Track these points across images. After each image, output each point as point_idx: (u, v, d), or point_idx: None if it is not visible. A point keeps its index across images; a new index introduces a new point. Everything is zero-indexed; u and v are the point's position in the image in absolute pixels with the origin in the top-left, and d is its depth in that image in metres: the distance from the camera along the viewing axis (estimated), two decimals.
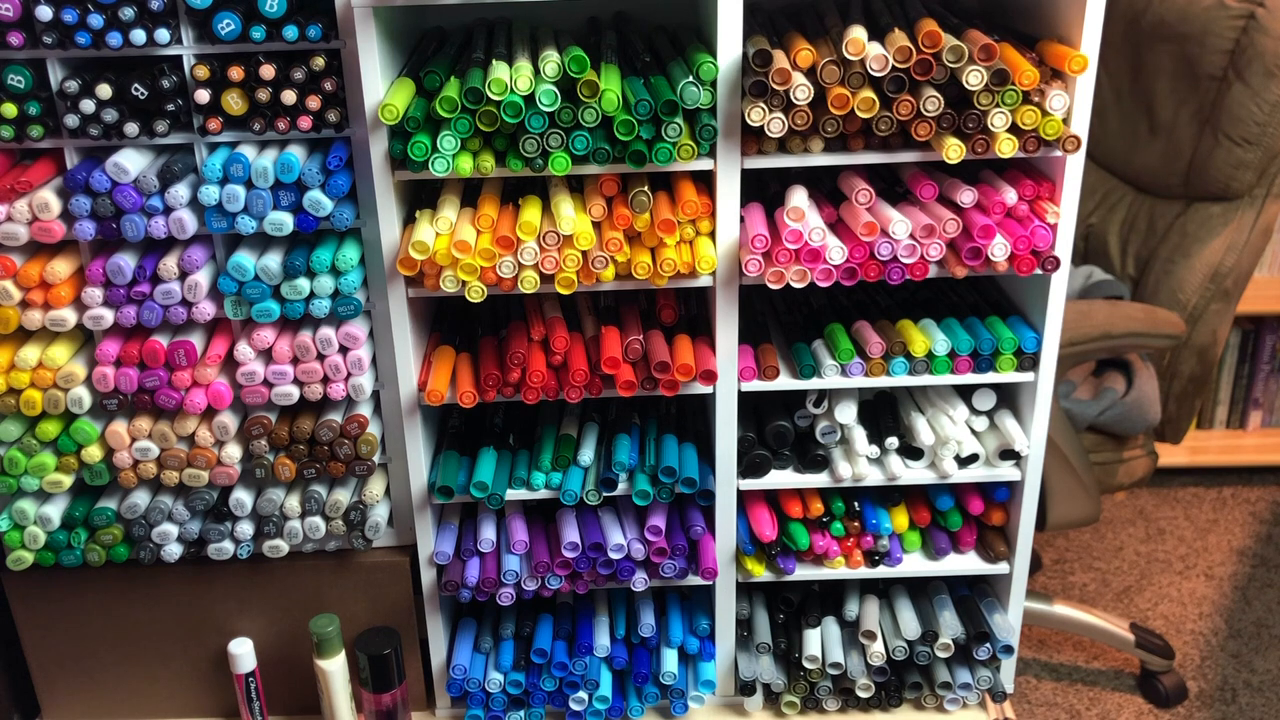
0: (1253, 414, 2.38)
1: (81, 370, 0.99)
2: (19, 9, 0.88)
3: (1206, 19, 1.45)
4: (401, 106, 0.88)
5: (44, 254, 0.98)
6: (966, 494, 1.09)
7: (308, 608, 1.12)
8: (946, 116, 0.89)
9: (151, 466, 1.03)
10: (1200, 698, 1.79)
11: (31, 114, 0.92)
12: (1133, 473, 1.59)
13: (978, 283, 1.12)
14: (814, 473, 1.06)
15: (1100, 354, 1.46)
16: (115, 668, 1.15)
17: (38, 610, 1.12)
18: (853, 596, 1.15)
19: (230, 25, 0.89)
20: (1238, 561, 2.11)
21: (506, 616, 1.14)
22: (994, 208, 0.94)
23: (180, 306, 0.97)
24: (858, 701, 1.13)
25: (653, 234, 0.95)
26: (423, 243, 0.92)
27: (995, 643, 1.10)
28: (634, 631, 1.12)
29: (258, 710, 1.12)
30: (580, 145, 0.91)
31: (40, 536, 1.05)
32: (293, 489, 1.07)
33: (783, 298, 1.14)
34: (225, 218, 0.94)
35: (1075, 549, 2.15)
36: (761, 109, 0.90)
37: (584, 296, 1.07)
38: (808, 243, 0.94)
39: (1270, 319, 2.28)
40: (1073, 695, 1.81)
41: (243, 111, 0.92)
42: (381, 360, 1.04)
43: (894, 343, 1.00)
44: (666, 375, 0.98)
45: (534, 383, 0.98)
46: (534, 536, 1.08)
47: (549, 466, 1.04)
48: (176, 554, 1.07)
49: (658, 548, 1.04)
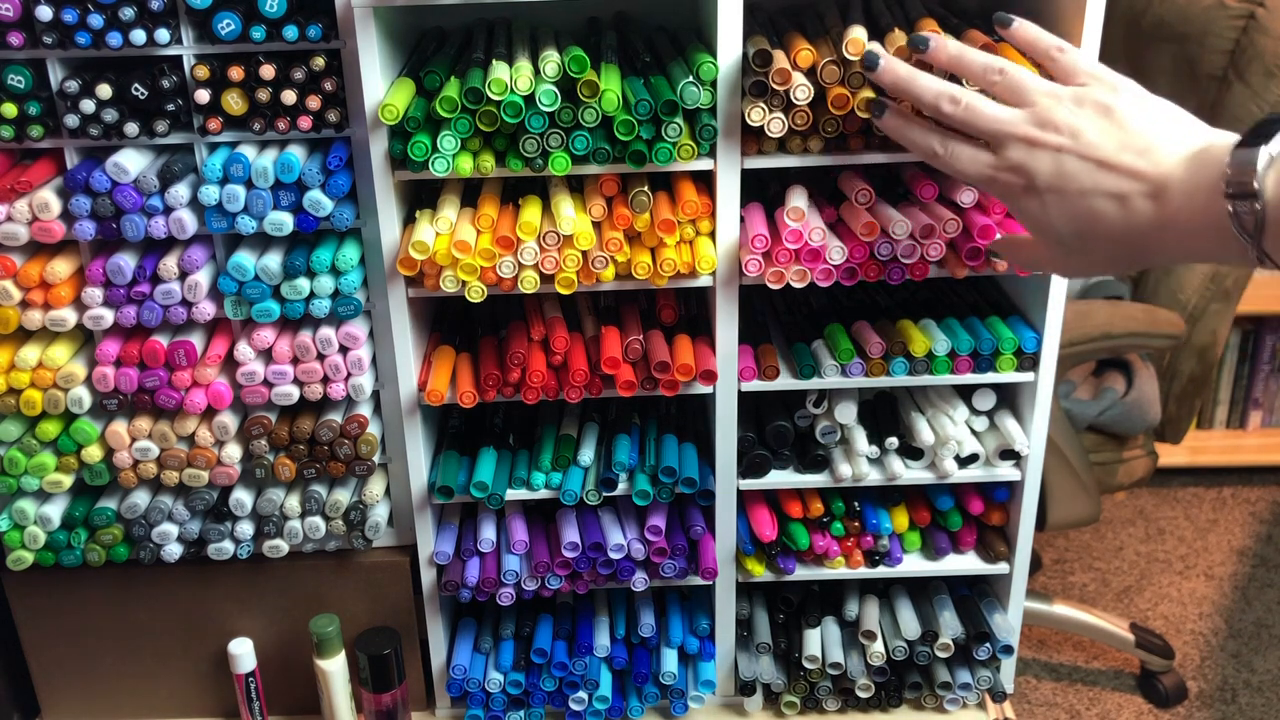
0: (1253, 414, 2.38)
1: (81, 370, 0.99)
2: (19, 9, 0.88)
3: (1206, 19, 1.45)
4: (401, 106, 0.88)
5: (44, 254, 0.98)
6: (966, 494, 1.09)
7: (308, 608, 1.12)
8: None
9: (151, 466, 1.03)
10: (1200, 698, 1.79)
11: (31, 114, 0.92)
12: (1133, 473, 1.59)
13: (978, 283, 1.12)
14: (814, 473, 1.06)
15: (1100, 354, 1.47)
16: (115, 668, 1.15)
17: (38, 610, 1.13)
18: (853, 596, 1.15)
19: (230, 25, 0.89)
20: (1238, 561, 2.11)
21: (506, 616, 1.14)
22: (994, 207, 0.94)
23: (180, 306, 0.98)
24: (858, 701, 1.13)
25: (653, 234, 0.95)
26: (423, 243, 0.92)
27: (995, 643, 1.10)
28: (634, 631, 1.12)
29: (258, 710, 1.12)
30: (580, 145, 0.91)
31: (40, 536, 1.05)
32: (293, 489, 1.07)
33: (783, 298, 1.14)
34: (225, 218, 0.94)
35: (1075, 549, 2.15)
36: (761, 109, 0.90)
37: (584, 296, 1.07)
38: (808, 243, 0.94)
39: (1270, 319, 2.29)
40: (1073, 695, 1.81)
41: (243, 111, 0.93)
42: (381, 360, 1.04)
43: (894, 343, 1.00)
44: (666, 375, 0.98)
45: (534, 383, 0.98)
46: (534, 536, 1.08)
47: (549, 466, 1.04)
48: (176, 554, 1.07)
49: (658, 548, 1.04)
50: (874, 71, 0.82)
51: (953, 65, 0.79)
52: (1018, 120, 0.73)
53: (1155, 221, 0.67)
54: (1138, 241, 0.68)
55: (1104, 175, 0.69)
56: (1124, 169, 0.68)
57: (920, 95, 0.78)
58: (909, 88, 0.79)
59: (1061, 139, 0.70)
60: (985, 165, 0.75)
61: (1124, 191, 0.68)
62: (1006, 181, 0.73)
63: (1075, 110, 0.71)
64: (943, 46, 0.80)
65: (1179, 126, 0.69)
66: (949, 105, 0.76)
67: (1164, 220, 0.66)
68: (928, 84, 0.78)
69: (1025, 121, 0.72)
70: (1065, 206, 0.70)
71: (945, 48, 0.80)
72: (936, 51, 0.80)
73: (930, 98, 0.77)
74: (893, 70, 0.81)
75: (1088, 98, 0.71)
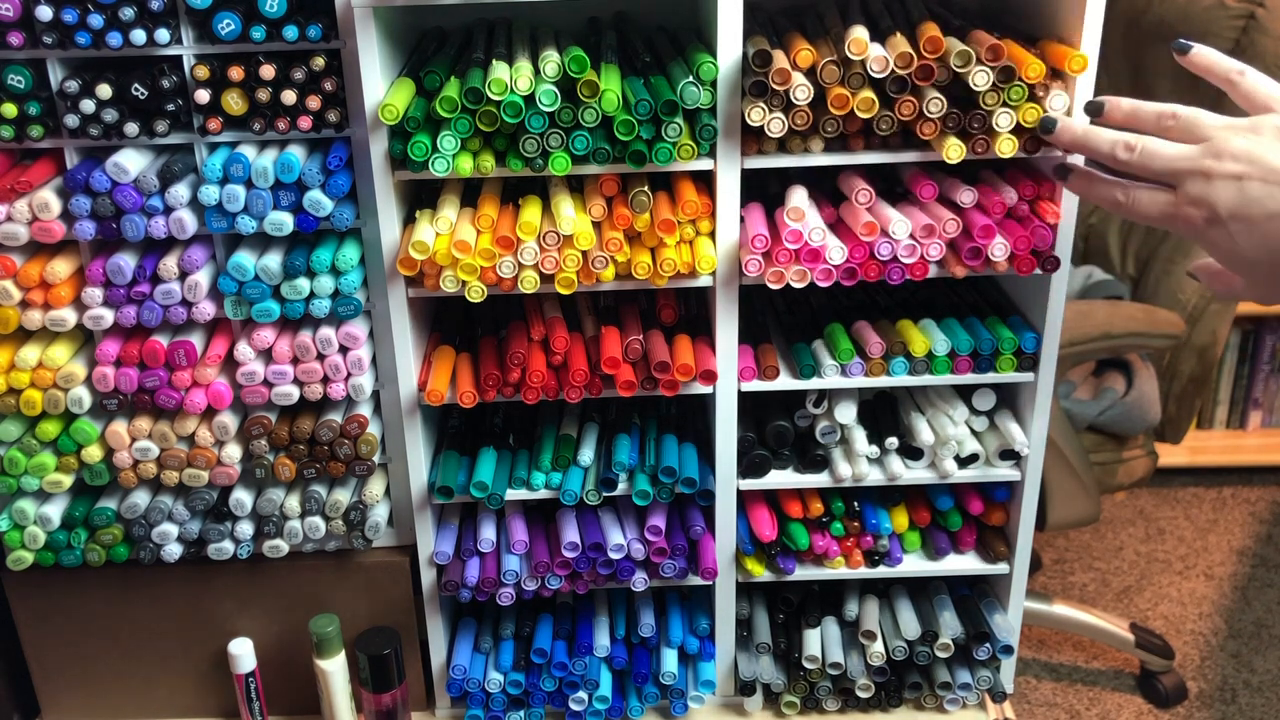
0: (1253, 414, 2.38)
1: (81, 370, 0.99)
2: (19, 9, 0.88)
3: (1206, 19, 1.45)
4: (401, 106, 0.88)
5: (44, 254, 0.98)
6: (966, 494, 1.09)
7: (308, 608, 1.12)
8: (952, 116, 0.89)
9: (151, 466, 1.03)
10: (1200, 698, 1.79)
11: (31, 114, 0.92)
12: (1133, 473, 1.59)
13: (978, 283, 1.12)
14: (814, 473, 1.06)
15: (1100, 354, 1.47)
16: (115, 668, 1.15)
17: (38, 610, 1.13)
18: (853, 596, 1.15)
19: (230, 25, 0.89)
20: (1238, 561, 2.11)
21: (506, 616, 1.14)
22: (994, 208, 0.94)
23: (180, 306, 0.98)
24: (858, 701, 1.13)
25: (653, 234, 0.95)
26: (423, 243, 0.92)
27: (995, 643, 1.10)
28: (634, 631, 1.12)
29: (258, 710, 1.12)
30: (580, 145, 0.91)
31: (40, 536, 1.05)
32: (293, 489, 1.07)
33: (783, 298, 1.14)
34: (225, 218, 0.94)
35: (1075, 549, 2.15)
36: (761, 109, 0.90)
37: (584, 296, 1.07)
38: (808, 243, 0.94)
39: (1270, 319, 2.29)
40: (1073, 695, 1.81)
41: (243, 111, 0.93)
42: (381, 360, 1.04)
43: (894, 343, 1.00)
44: (666, 375, 0.98)
45: (534, 383, 0.98)
46: (534, 536, 1.08)
47: (549, 466, 1.04)
48: (176, 554, 1.07)
49: (658, 548, 1.04)
50: (1051, 134, 0.84)
51: (1129, 121, 0.79)
52: (1193, 155, 0.72)
53: None
54: None
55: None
56: None
57: (1098, 148, 0.79)
58: (1086, 144, 0.80)
59: (1240, 166, 0.70)
60: (1165, 204, 0.75)
61: None
62: (1189, 216, 0.73)
63: (1252, 138, 0.70)
64: (1116, 106, 0.80)
65: None
66: (1124, 153, 0.76)
67: None
68: (1103, 136, 0.78)
69: (1201, 155, 0.72)
70: (1253, 234, 0.69)
71: (1119, 106, 0.80)
72: (1111, 112, 0.80)
73: (1106, 149, 0.78)
74: (1069, 130, 0.82)
75: (1266, 124, 0.71)
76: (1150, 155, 0.75)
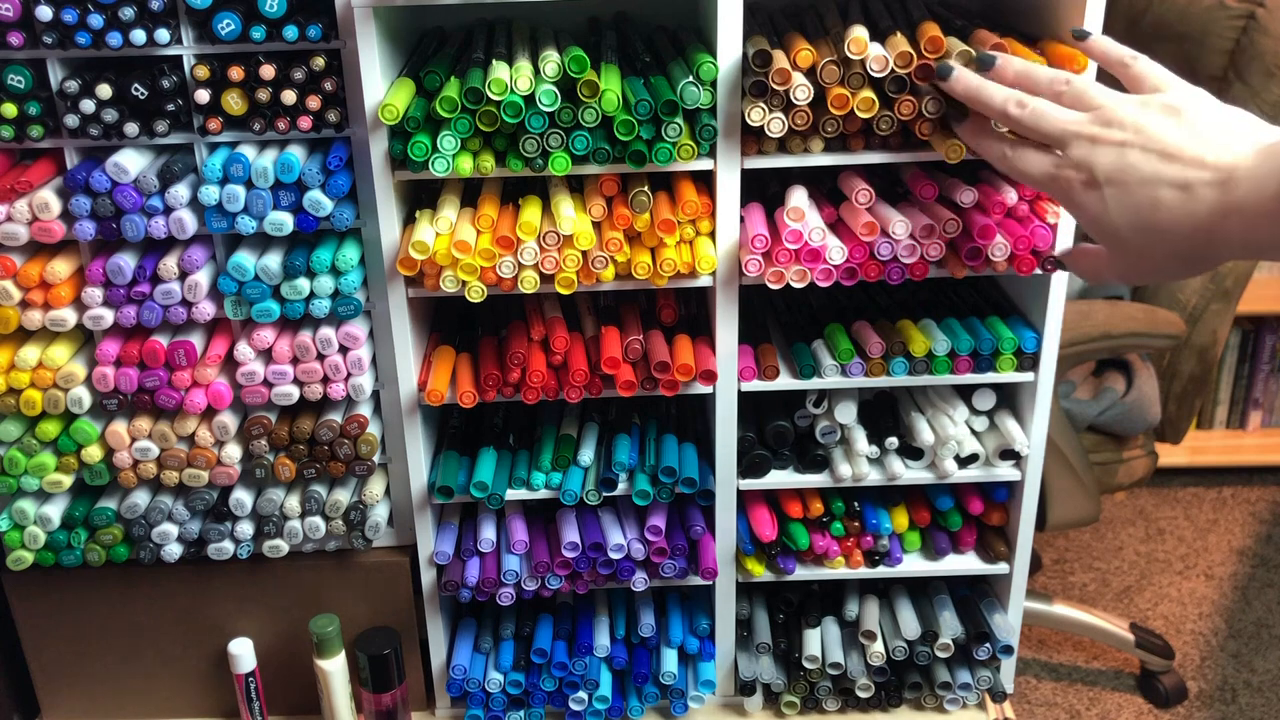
0: (1253, 414, 2.38)
1: (81, 370, 0.99)
2: (19, 9, 0.88)
3: (1206, 19, 1.45)
4: (401, 106, 0.88)
5: (44, 254, 0.98)
6: (966, 494, 1.09)
7: (308, 608, 1.12)
8: (952, 116, 0.89)
9: (151, 466, 1.03)
10: (1200, 698, 1.79)
11: (31, 114, 0.92)
12: (1133, 473, 1.59)
13: (978, 283, 1.12)
14: (814, 473, 1.06)
15: (1100, 354, 1.47)
16: (115, 668, 1.15)
17: (38, 610, 1.13)
18: (853, 596, 1.15)
19: (230, 25, 0.89)
20: (1238, 561, 2.11)
21: (506, 616, 1.14)
22: (994, 208, 0.94)
23: (180, 306, 0.98)
24: (858, 701, 1.13)
25: (653, 234, 0.95)
26: (423, 243, 0.92)
27: (995, 643, 1.10)
28: (634, 631, 1.12)
29: (258, 710, 1.12)
30: (580, 145, 0.91)
31: (40, 536, 1.05)
32: (293, 489, 1.07)
33: (783, 298, 1.14)
34: (225, 218, 0.94)
35: (1075, 549, 2.15)
36: (761, 109, 0.90)
37: (584, 296, 1.07)
38: (808, 243, 0.94)
39: (1270, 319, 2.29)
40: (1073, 695, 1.81)
41: (243, 111, 0.93)
42: (381, 360, 1.04)
43: (894, 343, 1.00)
44: (666, 375, 0.98)
45: (534, 383, 0.98)
46: (534, 536, 1.08)
47: (549, 466, 1.04)
48: (176, 554, 1.07)
49: (658, 548, 1.04)
50: (946, 81, 0.84)
51: (1020, 81, 0.80)
52: (1082, 120, 0.74)
53: (1219, 209, 0.66)
54: (1200, 234, 0.67)
55: (1167, 165, 0.69)
56: (1189, 158, 0.68)
57: (989, 102, 0.80)
58: (979, 96, 0.81)
59: (1125, 134, 0.71)
60: (1048, 164, 0.76)
61: (1188, 180, 0.67)
62: (1067, 178, 0.74)
63: (1141, 110, 0.72)
64: (1008, 62, 0.82)
65: (1250, 126, 0.69)
66: (1015, 109, 0.77)
67: (1228, 207, 0.66)
68: (996, 91, 0.80)
69: (1089, 121, 0.73)
70: (1125, 198, 0.70)
71: (1010, 64, 0.81)
72: (1002, 68, 0.82)
73: (998, 103, 0.79)
74: (964, 79, 0.83)
75: (1155, 100, 0.72)
76: (1040, 115, 0.76)
